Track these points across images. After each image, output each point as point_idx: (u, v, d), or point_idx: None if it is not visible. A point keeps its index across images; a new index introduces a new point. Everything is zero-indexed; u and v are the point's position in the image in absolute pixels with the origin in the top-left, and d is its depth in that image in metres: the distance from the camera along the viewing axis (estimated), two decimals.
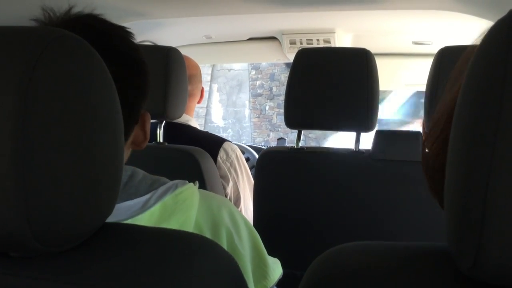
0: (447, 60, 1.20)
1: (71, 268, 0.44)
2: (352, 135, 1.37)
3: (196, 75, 1.67)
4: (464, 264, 0.35)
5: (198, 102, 1.73)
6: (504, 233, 0.32)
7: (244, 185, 1.61)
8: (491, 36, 0.35)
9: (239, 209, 1.59)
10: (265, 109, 11.66)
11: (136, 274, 0.42)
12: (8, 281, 0.43)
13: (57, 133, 0.40)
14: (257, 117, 11.72)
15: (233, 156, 1.55)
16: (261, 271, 0.78)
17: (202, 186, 1.32)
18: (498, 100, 0.32)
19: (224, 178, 1.52)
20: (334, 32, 1.84)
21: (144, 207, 0.62)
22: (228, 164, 1.54)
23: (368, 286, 0.40)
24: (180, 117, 1.40)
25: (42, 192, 0.40)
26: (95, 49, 0.63)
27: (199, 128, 1.68)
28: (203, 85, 1.77)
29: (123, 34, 0.70)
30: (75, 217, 0.43)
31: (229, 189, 1.54)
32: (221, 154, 1.51)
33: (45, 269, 0.43)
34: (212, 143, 1.52)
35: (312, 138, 10.82)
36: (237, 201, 1.59)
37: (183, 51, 1.42)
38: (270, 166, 1.41)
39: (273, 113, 11.52)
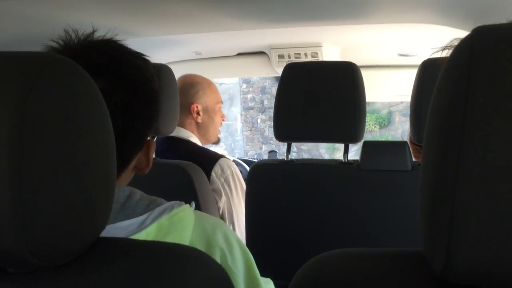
0: (430, 72, 1.24)
1: (67, 281, 0.45)
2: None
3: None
4: (436, 266, 0.37)
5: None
6: (470, 237, 0.35)
7: (239, 202, 1.61)
8: (455, 55, 0.38)
9: (230, 223, 1.60)
10: (257, 122, 11.70)
11: (128, 285, 0.44)
12: None
13: (51, 152, 0.42)
14: (249, 130, 11.75)
15: (228, 172, 1.58)
16: None
17: (195, 200, 1.34)
18: (462, 113, 0.35)
19: (217, 192, 1.54)
20: (321, 46, 1.87)
21: (140, 227, 0.64)
22: (222, 180, 1.56)
23: None
24: (171, 132, 1.42)
25: (38, 209, 0.42)
26: (107, 77, 0.65)
27: (199, 144, 1.71)
28: None
29: (138, 63, 0.71)
30: (71, 232, 0.45)
31: (222, 203, 1.56)
32: (216, 169, 1.55)
33: (42, 283, 0.45)
34: (208, 158, 1.57)
35: (305, 150, 10.86)
36: (230, 216, 1.60)
37: (174, 68, 1.45)
38: (261, 178, 1.43)
39: (265, 126, 11.56)
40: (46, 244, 0.43)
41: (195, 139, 1.68)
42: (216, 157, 1.58)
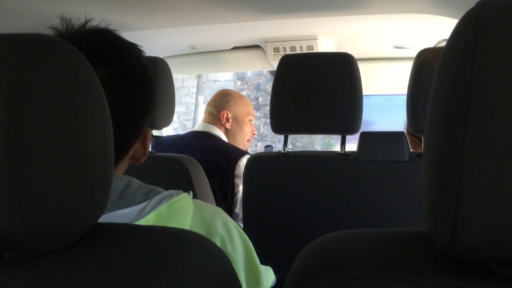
0: (426, 61, 1.23)
1: (65, 265, 0.44)
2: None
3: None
4: (442, 243, 0.37)
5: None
6: (477, 211, 0.34)
7: None
8: (459, 27, 0.37)
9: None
10: None
11: (128, 269, 0.44)
12: (3, 281, 0.44)
13: (48, 135, 0.41)
14: None
15: None
16: (254, 278, 0.79)
17: (192, 192, 1.34)
18: (468, 86, 0.34)
19: (240, 177, 1.71)
20: (316, 39, 1.86)
21: (139, 215, 0.64)
22: None
23: (355, 269, 0.41)
24: (167, 126, 1.42)
25: (36, 192, 0.41)
26: (109, 64, 0.65)
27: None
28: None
29: (136, 51, 0.72)
30: (69, 216, 0.44)
31: (241, 187, 1.70)
32: (243, 160, 1.74)
33: (40, 267, 0.44)
34: (238, 151, 1.80)
35: (300, 147, 10.86)
36: None
37: (169, 62, 1.44)
38: (258, 171, 1.42)
39: (260, 123, 11.55)
40: (44, 227, 0.42)
41: (224, 139, 1.90)
42: (244, 152, 1.81)
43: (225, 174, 1.71)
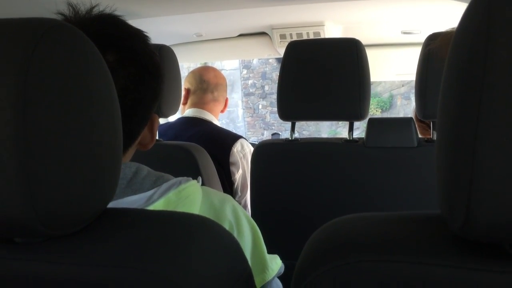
0: (435, 46, 1.22)
1: (75, 250, 0.45)
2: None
3: (222, 84, 1.92)
4: (456, 224, 0.36)
5: (222, 111, 1.96)
6: (491, 191, 0.34)
7: None
8: (473, 5, 0.36)
9: (245, 197, 1.72)
10: (258, 108, 11.69)
11: (138, 252, 0.44)
12: (14, 266, 0.44)
13: (56, 120, 0.41)
14: (250, 116, 11.75)
15: (247, 150, 1.74)
16: (260, 265, 0.80)
17: None
18: (481, 66, 0.34)
19: (235, 164, 1.69)
20: (323, 25, 1.85)
21: (147, 202, 0.64)
22: (241, 155, 1.71)
23: (367, 252, 0.41)
24: (174, 114, 1.42)
25: (45, 177, 0.41)
26: (118, 50, 0.65)
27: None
28: None
29: (143, 37, 0.72)
30: (79, 200, 0.44)
31: (238, 175, 1.69)
32: (237, 146, 1.70)
33: (50, 252, 0.44)
34: (231, 136, 1.75)
35: (306, 136, 10.85)
36: (243, 189, 1.73)
37: (175, 50, 1.44)
38: (265, 158, 1.42)
39: (266, 112, 11.54)
40: (54, 212, 0.42)
41: (216, 122, 1.87)
42: (238, 136, 1.76)
43: (220, 162, 1.67)
